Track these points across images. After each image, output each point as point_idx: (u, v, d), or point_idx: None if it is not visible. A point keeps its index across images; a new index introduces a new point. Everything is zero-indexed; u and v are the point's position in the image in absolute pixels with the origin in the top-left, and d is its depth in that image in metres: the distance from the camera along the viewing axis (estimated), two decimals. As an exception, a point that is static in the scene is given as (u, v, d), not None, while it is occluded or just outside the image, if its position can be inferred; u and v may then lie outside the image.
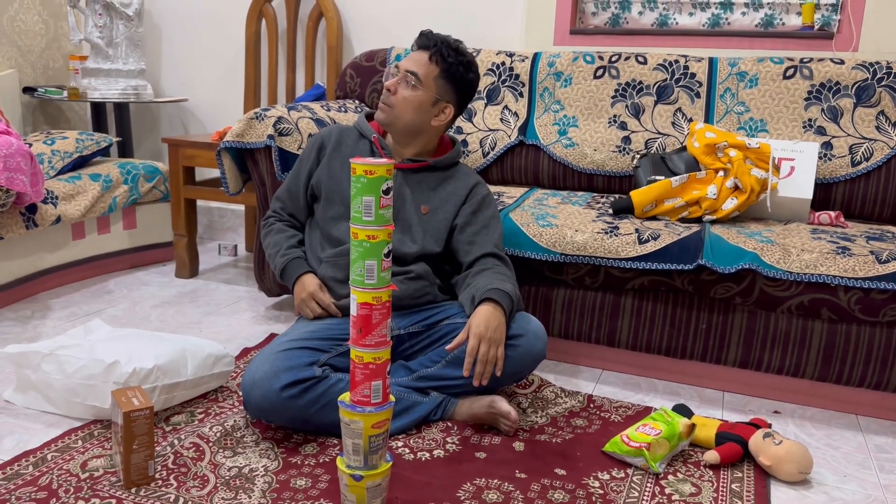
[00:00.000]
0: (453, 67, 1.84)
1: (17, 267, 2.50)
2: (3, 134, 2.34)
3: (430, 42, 1.84)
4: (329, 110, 2.54)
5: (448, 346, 1.65)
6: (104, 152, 3.02)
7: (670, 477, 1.57)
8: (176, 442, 1.60)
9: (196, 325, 2.39)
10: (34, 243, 2.56)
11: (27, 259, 2.54)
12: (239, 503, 1.40)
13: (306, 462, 1.55)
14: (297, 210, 1.95)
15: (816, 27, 2.61)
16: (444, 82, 1.84)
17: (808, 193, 2.18)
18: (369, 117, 1.98)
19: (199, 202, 3.20)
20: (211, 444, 1.59)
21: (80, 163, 2.87)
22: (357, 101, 2.80)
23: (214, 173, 3.16)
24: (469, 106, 2.71)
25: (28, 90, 3.28)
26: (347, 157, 1.88)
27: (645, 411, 1.86)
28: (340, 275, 1.79)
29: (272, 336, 2.27)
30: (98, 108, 3.39)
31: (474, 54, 2.76)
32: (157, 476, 1.47)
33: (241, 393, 1.74)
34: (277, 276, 1.89)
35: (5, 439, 1.63)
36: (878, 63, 2.34)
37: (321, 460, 1.56)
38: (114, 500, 1.39)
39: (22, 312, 2.44)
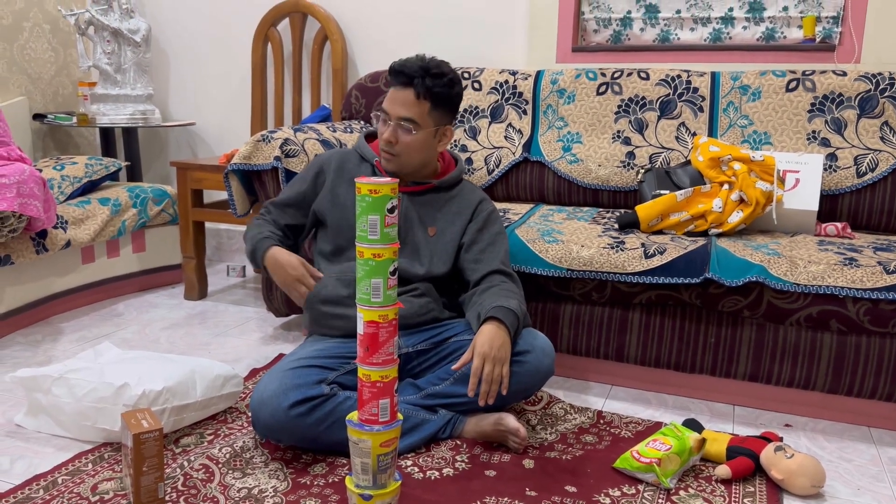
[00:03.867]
0: (442, 94, 1.78)
1: (27, 291, 2.52)
2: (17, 161, 2.37)
3: (409, 77, 1.75)
4: (335, 131, 2.56)
5: (454, 366, 1.65)
6: (113, 177, 3.05)
7: (682, 492, 1.55)
8: (186, 464, 1.60)
9: (205, 347, 2.40)
10: (44, 267, 2.58)
11: (37, 283, 2.56)
12: (249, 524, 1.39)
13: (315, 482, 1.55)
14: (280, 220, 1.93)
15: (818, 40, 2.62)
16: (438, 111, 1.79)
17: (814, 205, 2.18)
18: (369, 137, 1.98)
19: (208, 224, 3.22)
20: (220, 466, 1.60)
21: (90, 187, 2.90)
22: (362, 122, 2.83)
23: (222, 196, 3.18)
24: (473, 124, 2.73)
25: (38, 117, 3.33)
26: (352, 183, 1.87)
27: (655, 426, 1.85)
28: (345, 291, 1.79)
29: (281, 356, 2.27)
30: (107, 134, 3.43)
31: (477, 73, 2.78)
32: (167, 498, 1.47)
33: (249, 413, 1.74)
34: (248, 258, 1.89)
35: (16, 463, 1.63)
36: (880, 74, 2.35)
37: (330, 480, 1.56)
38: (124, 523, 1.39)
39: (33, 336, 2.45)
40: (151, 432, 1.42)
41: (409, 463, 1.64)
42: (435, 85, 1.75)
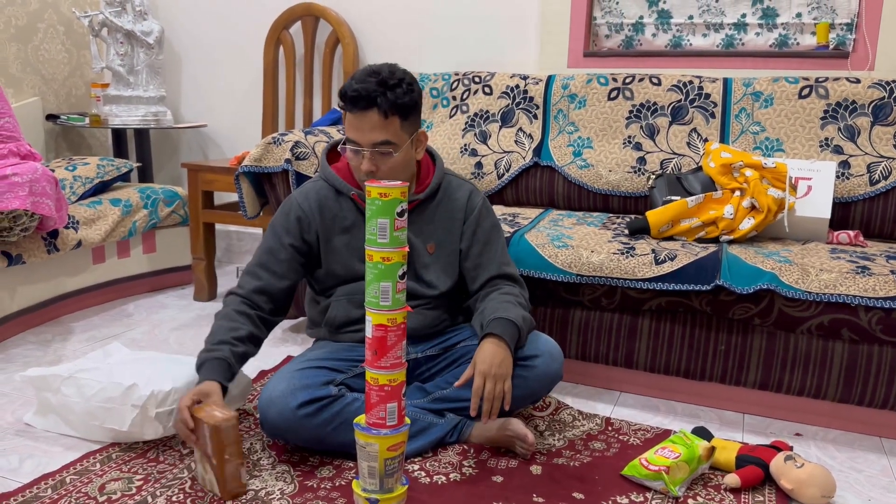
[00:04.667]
0: (408, 104, 1.62)
1: (38, 290, 2.54)
2: (27, 156, 2.39)
3: (370, 100, 1.57)
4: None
5: (456, 383, 1.61)
6: (125, 178, 3.07)
7: (690, 501, 1.54)
8: (193, 465, 1.60)
9: (214, 348, 2.40)
10: (55, 267, 2.59)
11: (48, 283, 2.58)
12: (255, 526, 1.39)
13: (322, 485, 1.55)
14: (273, 281, 1.72)
15: (831, 46, 2.60)
16: (408, 121, 1.64)
17: (826, 213, 2.16)
18: (330, 156, 1.83)
19: (218, 226, 3.23)
20: (227, 467, 1.60)
21: (101, 188, 2.92)
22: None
23: (233, 197, 3.19)
24: (484, 128, 2.73)
25: (51, 117, 3.35)
26: (341, 230, 1.75)
27: (664, 434, 1.84)
28: (358, 312, 1.75)
29: (289, 358, 2.27)
30: (119, 135, 3.45)
31: (488, 78, 2.78)
32: (179, 493, 1.47)
33: (257, 414, 1.75)
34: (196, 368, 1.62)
35: (25, 462, 1.64)
36: (894, 81, 2.33)
37: (337, 483, 1.56)
38: (131, 523, 1.39)
39: (43, 336, 2.46)
40: (228, 420, 1.43)
41: (416, 467, 1.63)
42: (398, 97, 1.59)
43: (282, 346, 2.44)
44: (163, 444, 1.71)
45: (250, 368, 2.19)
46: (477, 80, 2.79)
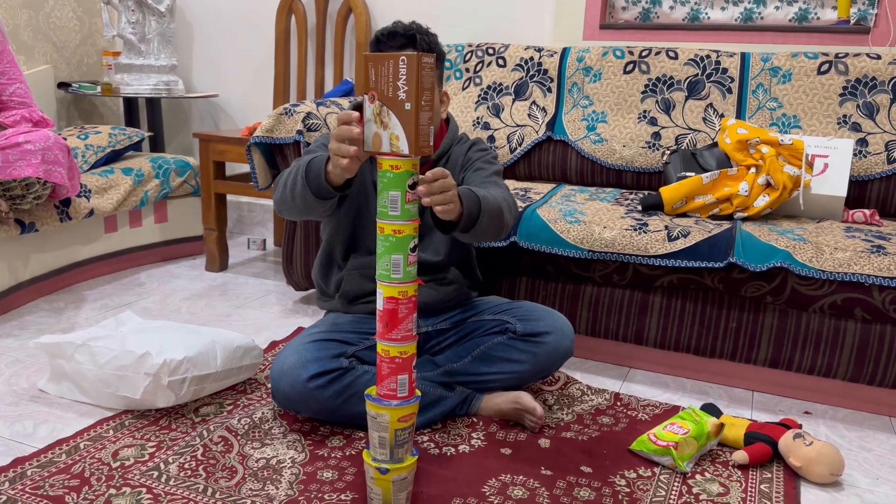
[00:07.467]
0: (440, 52, 1.65)
1: (51, 259, 2.55)
2: (40, 122, 2.39)
3: (409, 38, 1.59)
4: (357, 106, 2.55)
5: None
6: (136, 147, 3.07)
7: (698, 476, 1.55)
8: (205, 433, 1.62)
9: (225, 318, 2.42)
10: (68, 236, 2.61)
11: (61, 251, 2.59)
12: (266, 494, 1.41)
13: (333, 454, 1.56)
14: None
15: (852, 22, 2.55)
16: (439, 70, 1.65)
17: (842, 191, 2.14)
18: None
19: (229, 197, 3.23)
20: (239, 438, 1.61)
21: (113, 157, 2.92)
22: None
23: (244, 168, 3.19)
24: (497, 101, 2.70)
25: (62, 85, 3.34)
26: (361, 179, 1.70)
27: (673, 410, 1.84)
28: (371, 286, 1.74)
29: (300, 329, 2.29)
30: (130, 104, 3.44)
31: (502, 49, 2.75)
32: (186, 466, 1.49)
33: (269, 384, 1.76)
34: (302, 179, 1.48)
35: (40, 428, 1.66)
36: (916, 58, 2.29)
37: (347, 453, 1.57)
38: (144, 489, 1.41)
39: (56, 304, 2.48)
40: (429, 58, 1.18)
41: (426, 439, 1.65)
42: (431, 42, 1.63)
43: (292, 318, 2.45)
44: (175, 412, 1.72)
45: (261, 339, 2.21)
46: (490, 51, 2.76)
